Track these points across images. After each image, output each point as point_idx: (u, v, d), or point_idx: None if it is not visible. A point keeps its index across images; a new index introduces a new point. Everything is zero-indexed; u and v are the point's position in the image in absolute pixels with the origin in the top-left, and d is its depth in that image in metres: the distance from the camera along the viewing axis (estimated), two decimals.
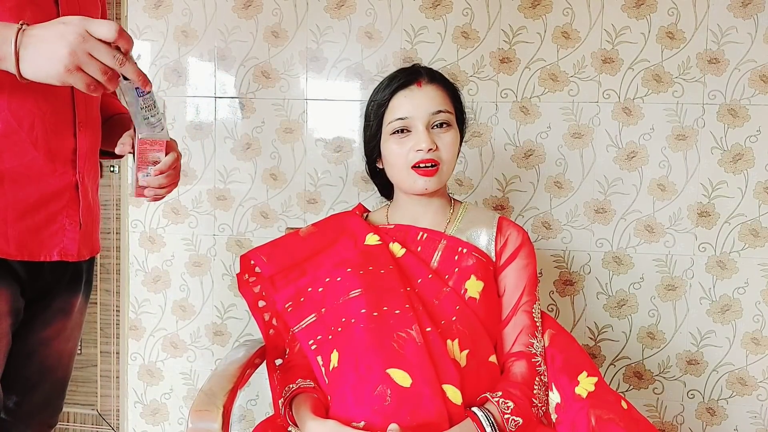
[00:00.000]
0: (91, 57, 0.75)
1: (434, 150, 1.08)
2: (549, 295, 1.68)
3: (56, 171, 0.91)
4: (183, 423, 1.80)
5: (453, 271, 1.11)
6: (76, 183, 0.95)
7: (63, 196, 0.93)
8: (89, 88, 0.77)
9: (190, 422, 0.95)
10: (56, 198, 0.92)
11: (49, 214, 0.91)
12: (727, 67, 1.57)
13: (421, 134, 1.08)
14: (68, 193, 0.94)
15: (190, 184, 1.74)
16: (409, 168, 1.09)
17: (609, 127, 1.62)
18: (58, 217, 0.93)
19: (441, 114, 1.10)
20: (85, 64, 0.75)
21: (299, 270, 1.12)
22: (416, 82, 1.12)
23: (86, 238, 1.00)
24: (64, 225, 0.93)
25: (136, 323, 1.80)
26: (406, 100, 1.10)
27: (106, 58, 0.76)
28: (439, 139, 1.09)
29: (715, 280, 1.62)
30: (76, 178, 0.95)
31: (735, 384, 1.64)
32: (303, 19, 1.67)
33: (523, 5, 1.61)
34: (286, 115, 1.70)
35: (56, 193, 0.92)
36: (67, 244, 0.94)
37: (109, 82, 0.78)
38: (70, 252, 0.95)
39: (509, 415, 0.97)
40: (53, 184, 0.91)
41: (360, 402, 0.95)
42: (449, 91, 1.15)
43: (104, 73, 0.77)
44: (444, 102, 1.11)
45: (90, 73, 0.76)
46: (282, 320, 1.17)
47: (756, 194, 1.59)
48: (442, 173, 1.10)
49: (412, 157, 1.09)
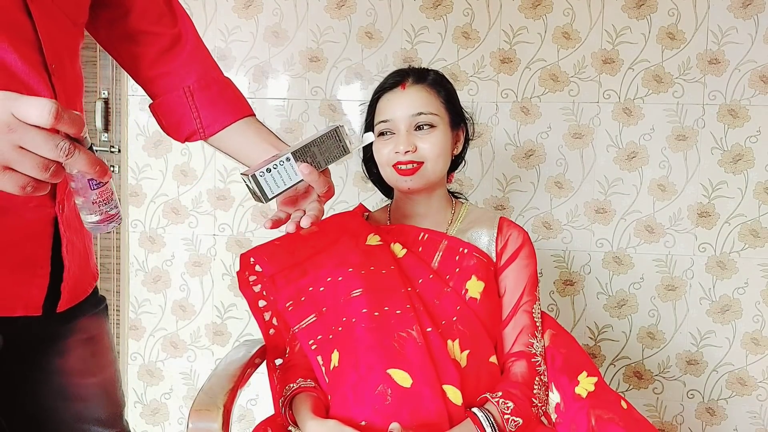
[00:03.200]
0: (24, 151, 0.55)
1: (412, 152, 1.09)
2: (549, 295, 1.68)
3: (29, 202, 0.73)
4: (183, 423, 1.80)
5: (454, 271, 1.11)
6: (55, 217, 0.76)
7: (36, 238, 0.74)
8: (24, 190, 0.57)
9: (191, 422, 0.95)
10: (27, 239, 0.73)
11: (18, 262, 0.73)
12: (728, 67, 1.57)
13: (402, 136, 1.10)
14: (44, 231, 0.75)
15: (190, 184, 1.74)
16: (391, 167, 1.12)
17: (609, 127, 1.62)
18: (28, 264, 0.74)
19: (422, 116, 1.11)
20: (15, 162, 0.55)
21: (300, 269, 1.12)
22: (400, 84, 1.13)
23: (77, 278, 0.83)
24: (34, 272, 0.75)
25: (136, 323, 1.80)
26: (389, 103, 1.13)
27: (45, 150, 0.55)
28: (421, 140, 1.10)
29: (715, 280, 1.62)
30: (55, 210, 0.76)
31: (735, 384, 1.64)
32: (304, 19, 1.68)
33: (524, 5, 1.62)
34: (287, 115, 1.70)
35: (28, 233, 0.73)
36: (35, 296, 0.76)
37: (54, 177, 0.57)
38: (37, 305, 0.76)
39: (509, 415, 0.97)
40: (25, 221, 0.72)
41: (360, 402, 0.95)
42: (439, 92, 1.14)
43: (45, 169, 0.56)
44: (427, 104, 1.12)
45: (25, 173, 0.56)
46: (282, 320, 1.17)
47: (756, 194, 1.59)
48: (426, 171, 1.11)
49: (392, 158, 1.11)
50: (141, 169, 1.75)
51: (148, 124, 1.74)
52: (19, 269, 0.73)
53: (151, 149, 1.75)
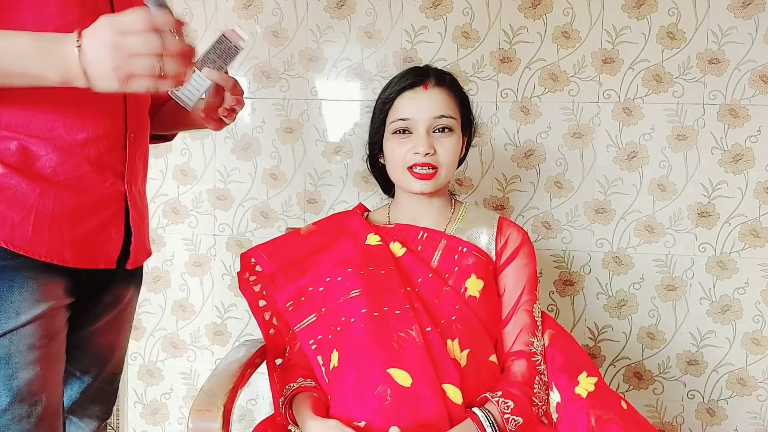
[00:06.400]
0: (137, 56, 0.69)
1: (432, 154, 1.08)
2: (549, 295, 1.68)
3: (106, 181, 0.90)
4: (183, 423, 1.80)
5: (453, 270, 1.11)
6: (125, 193, 0.93)
7: (111, 206, 0.91)
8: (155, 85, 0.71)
9: (191, 422, 0.95)
10: (105, 207, 0.90)
11: (98, 224, 0.90)
12: (728, 67, 1.57)
13: (421, 137, 1.09)
14: (116, 203, 0.92)
15: (190, 184, 1.74)
16: (406, 169, 1.10)
17: (609, 127, 1.62)
18: (107, 226, 0.91)
19: (443, 119, 1.10)
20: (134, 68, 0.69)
21: (300, 269, 1.13)
22: (423, 84, 1.12)
23: (140, 244, 0.98)
24: (110, 234, 0.92)
25: (136, 323, 1.80)
26: (410, 102, 1.11)
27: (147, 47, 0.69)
28: (439, 143, 1.09)
29: (715, 280, 1.62)
30: (125, 188, 0.93)
31: (735, 384, 1.64)
32: (303, 19, 1.68)
33: (524, 5, 1.61)
34: (286, 115, 1.70)
35: (105, 202, 0.90)
36: (111, 254, 0.93)
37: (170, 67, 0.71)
38: (113, 260, 0.93)
39: (509, 414, 0.97)
40: (103, 194, 0.90)
41: (360, 402, 0.96)
42: (456, 97, 1.14)
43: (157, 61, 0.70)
44: (448, 107, 1.11)
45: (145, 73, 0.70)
46: (283, 319, 1.17)
47: (756, 194, 1.59)
48: (440, 177, 1.10)
49: (409, 159, 1.09)
50: None
51: None
52: (100, 231, 0.90)
53: (151, 149, 1.73)
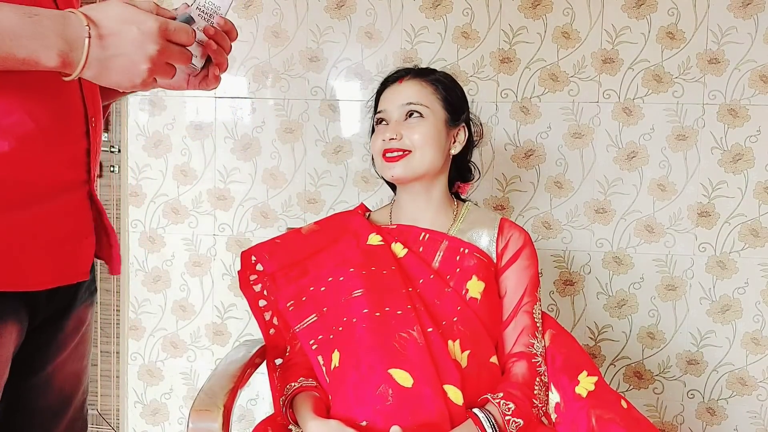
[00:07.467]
0: (169, 65, 0.71)
1: (398, 139, 1.12)
2: (549, 295, 1.68)
3: (75, 180, 0.79)
4: (183, 423, 1.80)
5: (454, 271, 1.11)
6: (90, 192, 0.83)
7: (81, 211, 0.81)
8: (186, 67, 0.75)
9: (191, 422, 0.95)
10: (75, 214, 0.80)
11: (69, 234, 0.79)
12: (727, 67, 1.57)
13: (391, 124, 1.14)
14: (84, 204, 0.82)
15: (190, 184, 1.74)
16: (380, 156, 1.14)
17: (609, 127, 1.62)
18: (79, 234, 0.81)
19: (411, 105, 1.14)
20: (161, 73, 0.70)
21: (301, 268, 1.12)
22: (399, 79, 1.18)
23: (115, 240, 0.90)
24: (83, 243, 0.82)
25: (136, 323, 1.80)
26: (387, 95, 1.18)
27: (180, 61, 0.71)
28: (408, 128, 1.13)
29: (715, 280, 1.62)
30: (90, 187, 0.82)
31: (735, 384, 1.64)
32: (303, 19, 1.68)
33: (524, 5, 1.61)
34: (286, 115, 1.70)
35: (75, 208, 0.80)
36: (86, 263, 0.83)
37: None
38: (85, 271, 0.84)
39: (510, 416, 0.98)
40: (73, 198, 0.79)
41: (361, 402, 0.95)
42: (436, 88, 1.17)
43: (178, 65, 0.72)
44: (419, 95, 1.15)
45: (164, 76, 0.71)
46: (283, 319, 1.17)
47: (756, 194, 1.59)
48: (413, 159, 1.12)
49: (381, 145, 1.14)
50: (141, 169, 1.75)
51: (148, 124, 1.74)
52: (69, 241, 0.79)
53: (151, 149, 1.75)
